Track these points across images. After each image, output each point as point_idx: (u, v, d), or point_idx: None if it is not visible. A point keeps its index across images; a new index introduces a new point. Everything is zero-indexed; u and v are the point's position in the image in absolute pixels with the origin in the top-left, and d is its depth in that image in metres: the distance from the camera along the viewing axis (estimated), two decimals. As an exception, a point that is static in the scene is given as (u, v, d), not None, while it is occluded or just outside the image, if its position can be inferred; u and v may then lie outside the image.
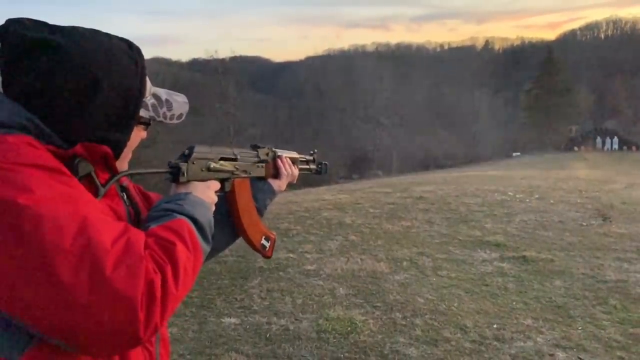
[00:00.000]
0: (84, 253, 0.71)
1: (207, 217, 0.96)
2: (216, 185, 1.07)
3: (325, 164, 1.54)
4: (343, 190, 10.38)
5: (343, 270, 4.59)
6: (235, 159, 1.15)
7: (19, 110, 0.79)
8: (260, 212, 1.24)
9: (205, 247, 0.93)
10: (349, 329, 3.36)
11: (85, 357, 0.79)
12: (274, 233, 1.28)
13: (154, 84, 0.98)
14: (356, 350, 3.08)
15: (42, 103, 0.80)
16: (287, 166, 1.31)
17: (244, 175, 1.17)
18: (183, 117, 1.02)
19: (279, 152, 1.31)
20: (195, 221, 0.91)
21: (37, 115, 0.80)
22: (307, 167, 1.48)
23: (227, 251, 4.91)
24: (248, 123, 44.50)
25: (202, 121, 39.13)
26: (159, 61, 74.05)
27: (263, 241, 1.24)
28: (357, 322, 3.44)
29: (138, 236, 0.79)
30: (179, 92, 1.06)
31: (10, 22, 0.82)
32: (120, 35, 0.92)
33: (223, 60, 50.61)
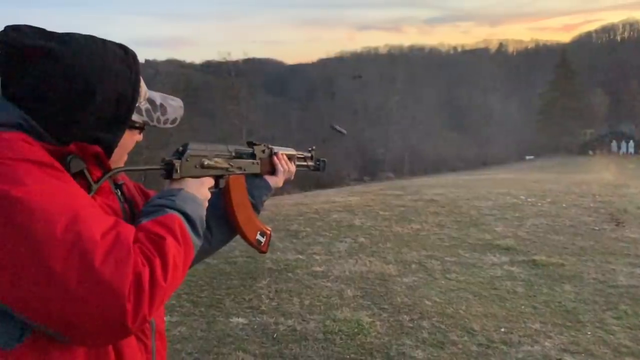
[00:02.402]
0: (74, 245, 0.73)
1: (198, 212, 0.98)
2: (210, 181, 1.09)
3: (324, 161, 1.53)
4: (353, 193, 10.38)
5: (351, 272, 4.60)
6: (229, 156, 1.16)
7: (14, 110, 0.83)
8: (257, 208, 1.26)
9: (197, 242, 0.95)
10: (356, 330, 3.37)
11: (79, 347, 0.81)
12: (270, 228, 1.30)
13: (169, 85, 1.00)
14: (362, 352, 3.09)
15: (36, 106, 0.83)
16: (283, 162, 1.32)
17: (238, 172, 1.18)
18: (177, 122, 1.04)
19: (275, 149, 1.32)
20: (186, 216, 0.94)
21: (32, 117, 0.83)
22: (305, 163, 1.48)
23: (237, 252, 4.97)
24: (260, 125, 44.63)
25: (214, 123, 39.35)
26: (173, 63, 74.62)
27: (258, 236, 1.25)
28: (364, 324, 3.45)
29: (127, 230, 0.82)
30: (192, 93, 1.08)
31: (8, 28, 0.85)
32: (136, 36, 0.94)
33: (236, 62, 51.00)
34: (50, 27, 0.90)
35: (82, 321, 0.74)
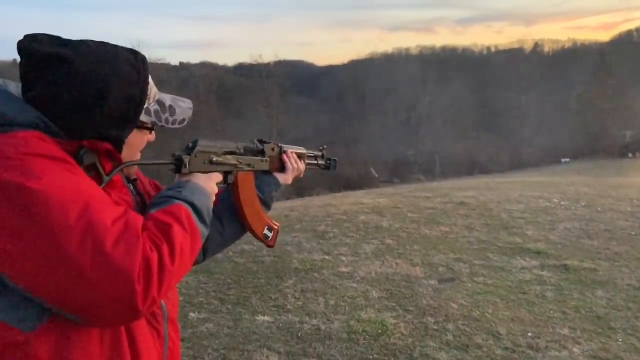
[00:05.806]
0: (86, 232, 0.79)
1: (205, 202, 1.03)
2: (218, 177, 1.14)
3: (335, 160, 1.56)
4: (383, 194, 10.34)
5: (377, 273, 4.61)
6: (239, 153, 1.21)
7: (31, 111, 0.90)
8: (267, 203, 1.31)
9: (204, 230, 1.01)
10: (380, 331, 3.38)
11: (95, 332, 0.87)
12: (278, 224, 1.34)
13: (203, 87, 1.04)
14: (386, 353, 3.10)
15: (51, 108, 0.90)
16: (292, 161, 1.36)
17: (247, 168, 1.23)
18: (186, 122, 1.10)
19: (285, 147, 1.37)
20: (193, 206, 0.99)
21: (47, 117, 0.90)
22: (316, 162, 1.52)
23: (264, 251, 5.05)
24: (291, 127, 44.90)
25: (245, 124, 39.85)
26: (206, 66, 75.70)
27: (266, 231, 1.29)
28: (388, 325, 3.46)
29: (136, 219, 0.88)
30: (224, 96, 1.13)
31: (26, 37, 0.93)
32: (170, 39, 1.00)
33: (267, 64, 51.48)
34: (84, 31, 0.97)
35: (95, 303, 0.80)
